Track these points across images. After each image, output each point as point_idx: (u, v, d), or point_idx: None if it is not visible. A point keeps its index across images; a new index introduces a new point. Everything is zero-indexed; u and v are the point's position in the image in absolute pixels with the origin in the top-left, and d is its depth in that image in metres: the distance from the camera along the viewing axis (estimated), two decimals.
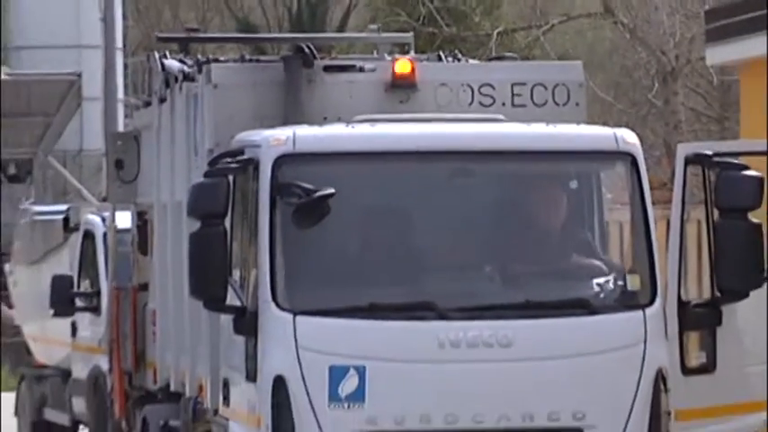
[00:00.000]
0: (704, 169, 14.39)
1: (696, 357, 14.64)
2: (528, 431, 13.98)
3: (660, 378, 13.88)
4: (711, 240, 14.33)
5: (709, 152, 14.65)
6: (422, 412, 13.74)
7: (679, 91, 37.04)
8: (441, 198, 14.66)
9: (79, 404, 28.01)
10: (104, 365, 26.03)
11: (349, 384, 13.70)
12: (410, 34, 21.09)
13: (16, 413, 31.41)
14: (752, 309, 14.63)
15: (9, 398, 32.78)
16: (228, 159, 14.64)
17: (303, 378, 13.68)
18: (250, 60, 17.16)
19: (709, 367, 14.47)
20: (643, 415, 13.76)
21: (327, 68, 16.69)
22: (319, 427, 13.74)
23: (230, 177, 14.35)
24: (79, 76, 60.89)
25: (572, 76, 17.02)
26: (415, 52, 19.41)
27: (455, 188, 14.70)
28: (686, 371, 14.39)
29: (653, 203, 14.31)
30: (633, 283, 14.23)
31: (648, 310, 13.98)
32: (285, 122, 15.22)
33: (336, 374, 13.68)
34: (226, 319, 14.45)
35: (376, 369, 13.73)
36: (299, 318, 13.77)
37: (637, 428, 13.82)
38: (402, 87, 16.22)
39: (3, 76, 61.39)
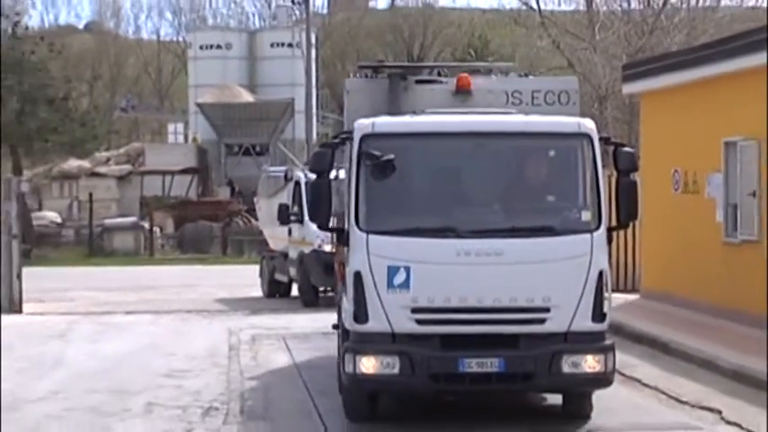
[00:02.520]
0: (592, 144, 13.51)
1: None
2: (512, 309, 12.93)
3: (601, 276, 12.93)
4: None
5: (607, 135, 14.10)
6: (445, 295, 12.87)
7: (608, 107, 37.02)
8: (463, 162, 13.66)
9: (293, 271, 28.04)
10: (306, 251, 26.51)
11: (399, 277, 12.91)
12: (511, 64, 19.25)
13: (260, 275, 31.16)
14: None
15: (255, 268, 32.38)
16: (337, 138, 14.01)
17: (372, 273, 12.90)
18: (369, 77, 15.88)
19: None
20: (589, 298, 12.87)
21: (418, 81, 15.60)
22: (381, 304, 12.88)
23: (335, 149, 13.62)
24: (293, 99, 61.16)
25: (571, 86, 15.62)
26: None
27: (473, 156, 13.61)
28: None
29: None
30: (586, 216, 13.22)
31: (595, 234, 13.03)
32: (389, 114, 14.38)
33: (392, 271, 12.89)
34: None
35: (417, 268, 12.88)
36: (370, 236, 12.98)
37: (585, 307, 12.88)
38: (462, 93, 15.02)
39: (254, 100, 62.21)
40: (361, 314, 12.95)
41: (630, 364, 17.31)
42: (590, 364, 12.90)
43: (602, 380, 13.09)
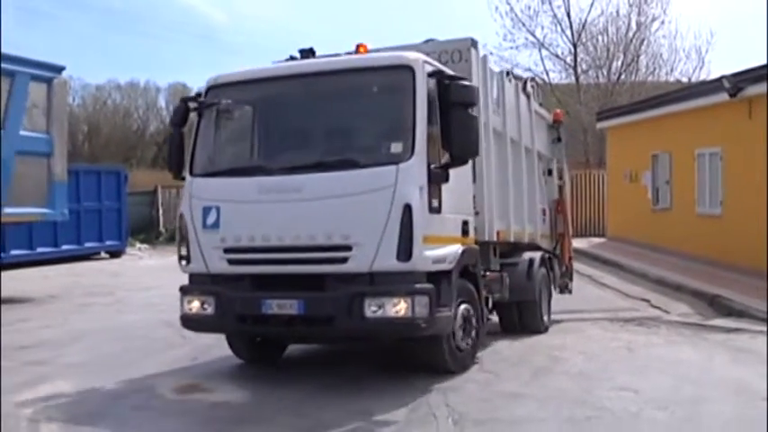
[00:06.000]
0: (439, 80, 7.08)
1: (435, 202, 6.90)
2: (312, 248, 6.83)
3: (407, 210, 6.61)
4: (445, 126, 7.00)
5: (442, 69, 7.34)
6: (249, 234, 7.04)
7: (588, 136, 35.66)
8: (290, 103, 7.50)
9: None
10: None
11: (211, 218, 7.20)
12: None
13: None
14: (461, 173, 7.55)
15: None
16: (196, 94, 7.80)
17: (191, 214, 7.29)
18: (292, 58, 8.47)
19: (439, 210, 6.93)
20: (393, 235, 6.60)
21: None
22: (198, 243, 7.22)
23: (188, 104, 7.65)
24: None
25: (463, 45, 8.13)
26: None
27: (299, 97, 7.43)
28: (431, 210, 6.83)
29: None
30: (396, 148, 6.76)
31: (402, 165, 6.66)
32: None
33: (206, 211, 7.22)
34: None
35: (225, 208, 7.16)
36: (194, 179, 7.35)
37: (388, 244, 6.62)
38: None
39: None
40: (186, 255, 7.41)
41: (600, 276, 16.81)
42: (394, 307, 6.68)
43: (410, 325, 6.69)
